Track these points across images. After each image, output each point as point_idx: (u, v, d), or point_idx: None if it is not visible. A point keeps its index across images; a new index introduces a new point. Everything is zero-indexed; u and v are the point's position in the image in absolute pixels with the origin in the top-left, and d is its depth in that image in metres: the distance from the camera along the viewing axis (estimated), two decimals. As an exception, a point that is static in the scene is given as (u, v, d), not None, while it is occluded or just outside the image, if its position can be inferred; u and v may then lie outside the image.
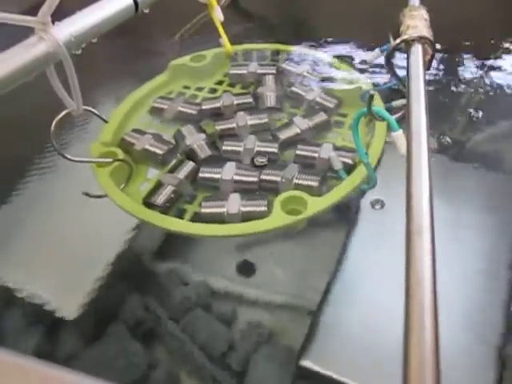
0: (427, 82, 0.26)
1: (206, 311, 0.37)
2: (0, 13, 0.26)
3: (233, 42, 0.46)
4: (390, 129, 0.27)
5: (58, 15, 0.30)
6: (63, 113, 0.30)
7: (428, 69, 0.23)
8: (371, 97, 0.26)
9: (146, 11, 0.35)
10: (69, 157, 0.30)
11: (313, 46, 0.52)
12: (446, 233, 0.35)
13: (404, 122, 0.31)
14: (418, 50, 0.22)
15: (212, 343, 0.35)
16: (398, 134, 0.27)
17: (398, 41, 0.23)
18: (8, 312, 0.37)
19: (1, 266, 0.38)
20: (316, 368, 0.32)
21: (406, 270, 0.12)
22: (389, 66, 0.25)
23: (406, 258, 0.13)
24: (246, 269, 0.40)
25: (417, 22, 0.23)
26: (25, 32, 0.28)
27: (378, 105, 0.38)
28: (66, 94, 0.30)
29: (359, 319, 0.34)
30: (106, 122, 0.33)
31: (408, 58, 0.23)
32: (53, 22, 0.28)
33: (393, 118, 0.27)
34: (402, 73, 0.31)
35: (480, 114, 0.47)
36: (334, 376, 0.31)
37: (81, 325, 0.36)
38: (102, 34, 0.31)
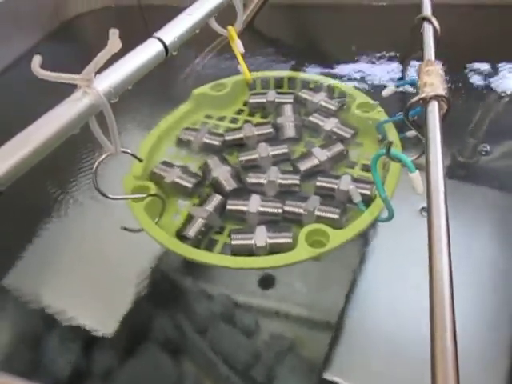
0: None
1: (230, 325, 0.40)
2: (47, 72, 0.28)
3: (249, 65, 0.48)
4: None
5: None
6: (103, 156, 0.32)
7: (443, 120, 0.26)
8: (390, 143, 0.28)
9: (175, 53, 0.37)
10: (109, 196, 0.33)
11: (328, 71, 0.54)
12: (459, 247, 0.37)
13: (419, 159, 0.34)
14: (434, 106, 0.24)
15: (236, 355, 0.38)
16: (415, 175, 0.29)
17: (416, 98, 0.25)
18: (48, 331, 0.39)
19: (41, 289, 0.41)
20: (339, 381, 0.34)
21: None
22: (407, 119, 0.27)
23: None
24: (268, 282, 0.42)
25: (433, 79, 0.25)
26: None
27: (392, 133, 0.40)
28: (106, 139, 0.32)
29: (382, 331, 0.36)
30: (141, 161, 0.36)
31: (426, 113, 0.25)
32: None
33: (410, 160, 0.29)
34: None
35: (490, 133, 0.49)
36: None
37: (116, 342, 0.39)
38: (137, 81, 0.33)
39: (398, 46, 0.54)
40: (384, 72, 0.54)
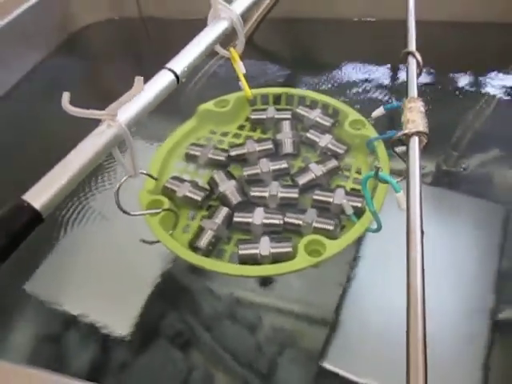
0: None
1: (236, 322, 0.44)
2: (76, 108, 0.32)
3: (248, 77, 0.51)
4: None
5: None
6: (124, 178, 0.36)
7: (423, 151, 0.30)
8: (377, 169, 0.32)
9: (184, 80, 0.41)
10: (130, 213, 0.37)
11: (322, 86, 0.57)
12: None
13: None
14: (415, 143, 0.29)
15: (241, 348, 0.42)
16: (400, 195, 0.33)
17: (399, 134, 0.30)
18: (68, 331, 0.44)
19: (65, 292, 0.45)
20: (336, 369, 0.39)
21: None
22: (393, 150, 0.32)
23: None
24: (270, 285, 0.46)
25: (415, 116, 0.29)
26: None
27: (382, 150, 0.44)
28: (126, 163, 0.36)
29: (376, 323, 0.40)
30: (156, 179, 0.39)
31: (407, 147, 0.29)
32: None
33: (395, 182, 0.33)
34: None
35: (472, 143, 0.53)
36: (353, 377, 0.38)
37: (132, 339, 0.43)
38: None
39: (389, 60, 0.58)
40: (376, 87, 0.58)
